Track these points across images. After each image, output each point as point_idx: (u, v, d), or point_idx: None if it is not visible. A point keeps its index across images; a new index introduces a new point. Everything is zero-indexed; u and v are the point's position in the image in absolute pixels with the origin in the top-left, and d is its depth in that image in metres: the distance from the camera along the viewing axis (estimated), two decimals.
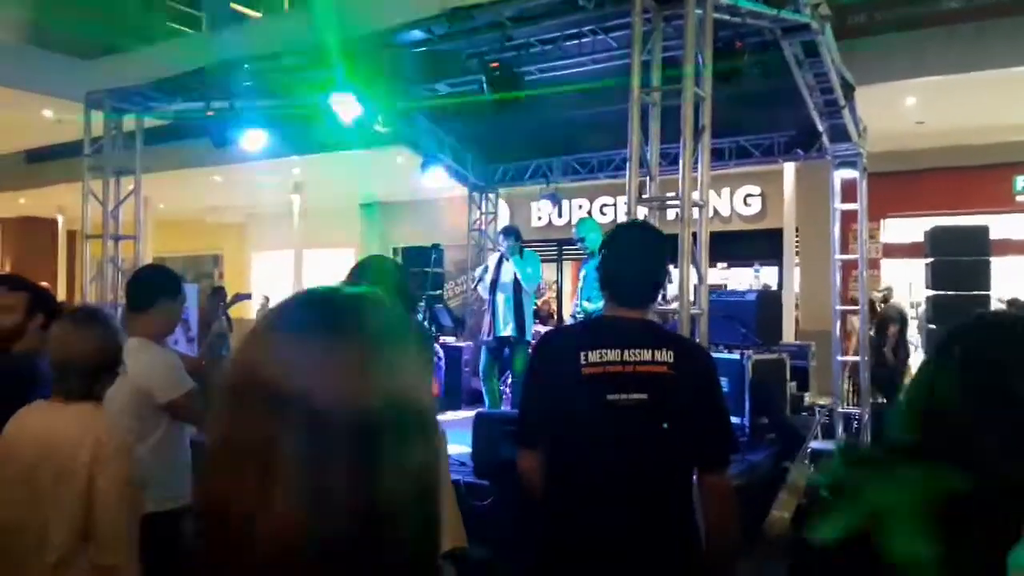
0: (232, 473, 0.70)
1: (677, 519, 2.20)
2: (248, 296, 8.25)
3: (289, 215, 15.70)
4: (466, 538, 2.45)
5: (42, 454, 2.14)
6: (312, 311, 0.76)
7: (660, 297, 3.57)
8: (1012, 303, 8.76)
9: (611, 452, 2.18)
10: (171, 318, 3.15)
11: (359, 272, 2.47)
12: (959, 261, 7.00)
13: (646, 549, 2.15)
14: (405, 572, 0.73)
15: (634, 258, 2.36)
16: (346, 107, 6.70)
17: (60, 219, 19.02)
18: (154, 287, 3.09)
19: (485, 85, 5.59)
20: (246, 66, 6.19)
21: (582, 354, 2.20)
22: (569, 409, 2.23)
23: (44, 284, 4.53)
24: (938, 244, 7.21)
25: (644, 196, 4.56)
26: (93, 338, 2.26)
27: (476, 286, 7.47)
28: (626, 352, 2.19)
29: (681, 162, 4.33)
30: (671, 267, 3.11)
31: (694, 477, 2.28)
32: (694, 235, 4.45)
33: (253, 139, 7.08)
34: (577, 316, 6.93)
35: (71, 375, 2.23)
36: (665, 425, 2.18)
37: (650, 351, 2.20)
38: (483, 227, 10.33)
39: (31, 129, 12.06)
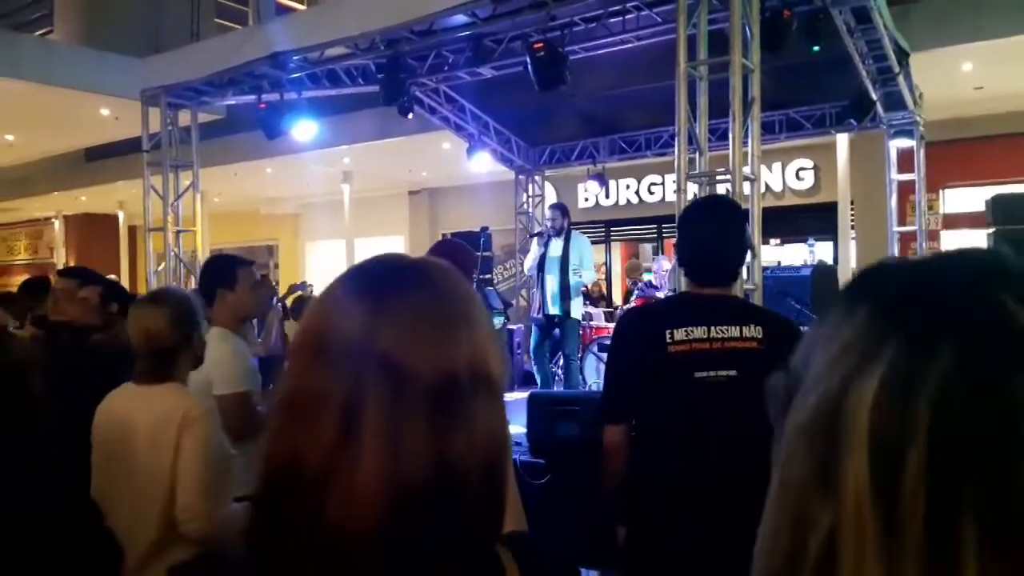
0: (308, 426, 0.69)
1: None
2: (303, 287, 8.30)
3: (340, 204, 15.90)
4: (526, 523, 2.43)
5: (132, 436, 2.18)
6: (392, 274, 0.77)
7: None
8: None
9: (701, 429, 2.15)
10: (237, 306, 3.10)
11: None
12: (1023, 230, 6.76)
13: (741, 527, 2.12)
14: (470, 536, 0.72)
15: (713, 235, 2.29)
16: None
17: (120, 215, 19.57)
18: (211, 279, 3.10)
19: (530, 67, 5.57)
20: (295, 58, 6.29)
21: (668, 332, 2.17)
22: (656, 387, 2.21)
23: (112, 277, 4.74)
24: (1001, 212, 6.97)
25: (693, 172, 4.52)
26: (162, 317, 2.25)
27: (525, 269, 7.53)
28: (713, 329, 2.16)
29: (731, 136, 4.28)
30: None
31: None
32: (745, 210, 4.41)
33: (304, 130, 7.19)
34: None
35: (145, 356, 2.24)
36: (756, 401, 2.13)
37: (738, 327, 2.16)
38: (530, 210, 10.33)
39: (90, 128, 12.40)
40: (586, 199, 14.32)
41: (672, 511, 2.20)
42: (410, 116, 7.39)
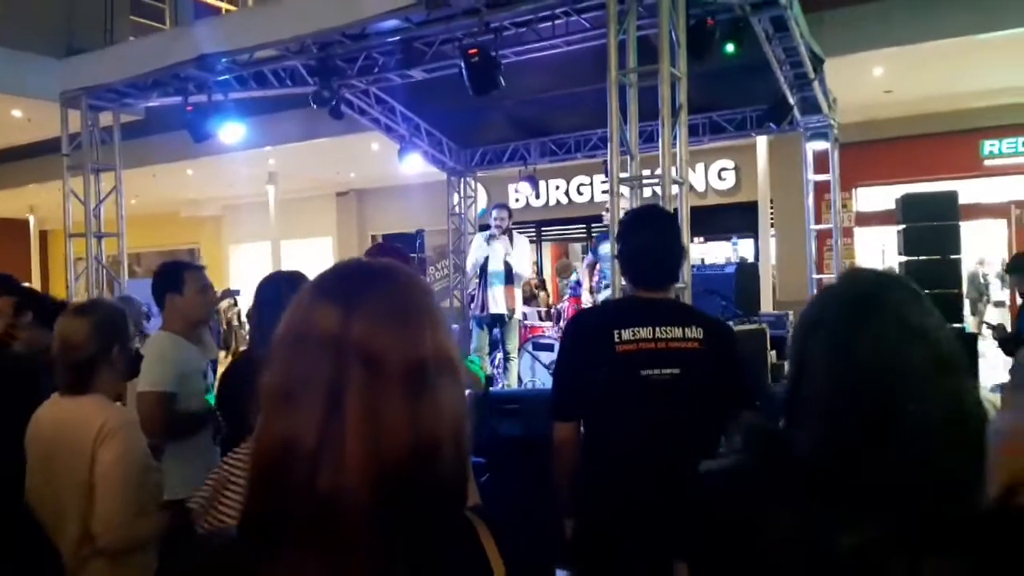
0: (298, 410, 0.77)
1: None
2: (237, 292, 8.02)
3: (265, 206, 15.62)
4: (479, 497, 2.52)
5: (54, 446, 2.18)
6: (359, 275, 0.86)
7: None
8: None
9: (647, 424, 2.28)
10: (186, 310, 3.17)
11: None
12: (930, 227, 7.17)
13: (680, 514, 2.25)
14: (444, 500, 0.81)
15: (653, 242, 2.43)
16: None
17: (32, 219, 18.78)
18: (161, 285, 3.17)
19: (465, 73, 5.62)
20: (223, 60, 6.18)
21: (615, 332, 2.30)
22: (604, 385, 2.33)
23: (25, 285, 4.55)
24: (910, 210, 7.37)
25: (625, 175, 4.65)
26: (81, 328, 2.25)
27: (467, 266, 7.64)
28: (658, 329, 2.30)
29: (660, 141, 4.42)
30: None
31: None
32: (674, 211, 4.55)
33: (232, 132, 7.06)
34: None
35: (63, 366, 2.24)
36: (696, 398, 2.28)
37: (681, 328, 2.30)
38: (462, 211, 10.38)
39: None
40: (517, 200, 14.44)
41: (619, 503, 2.30)
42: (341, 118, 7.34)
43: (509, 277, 7.10)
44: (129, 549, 2.17)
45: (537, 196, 13.89)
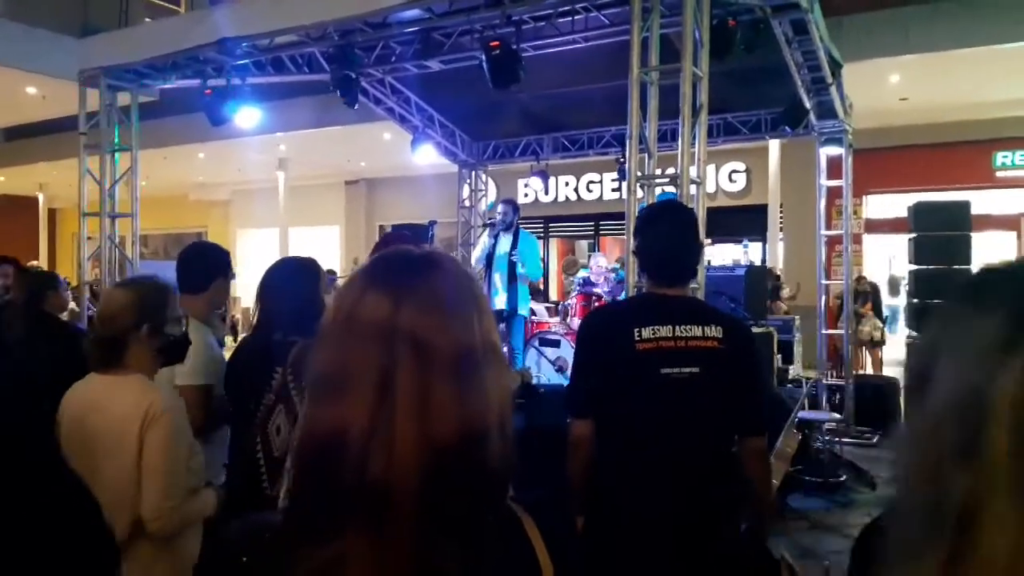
0: (349, 397, 0.78)
1: (724, 481, 2.31)
2: (232, 276, 7.98)
3: (274, 192, 15.63)
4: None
5: (93, 427, 2.11)
6: (407, 264, 0.87)
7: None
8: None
9: (666, 422, 2.28)
10: (223, 297, 3.13)
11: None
12: (942, 236, 7.16)
13: (699, 513, 2.26)
14: (491, 488, 0.82)
15: (673, 239, 2.42)
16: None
17: (41, 197, 18.81)
18: (210, 268, 3.02)
19: (485, 65, 5.62)
20: (243, 44, 6.19)
21: (635, 330, 2.29)
22: (624, 383, 2.32)
23: (33, 263, 4.56)
24: (922, 219, 7.36)
25: (643, 174, 4.64)
26: (118, 301, 2.19)
27: (472, 260, 7.61)
28: (678, 328, 2.29)
29: (680, 140, 4.41)
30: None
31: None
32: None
33: (248, 116, 7.07)
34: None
35: (96, 340, 2.19)
36: (715, 396, 2.29)
37: (700, 327, 2.30)
38: (472, 204, 10.38)
39: (11, 106, 11.87)
40: (526, 195, 14.45)
41: (633, 500, 2.30)
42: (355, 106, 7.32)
43: (512, 273, 7.06)
44: (175, 535, 2.13)
45: (546, 192, 13.89)
